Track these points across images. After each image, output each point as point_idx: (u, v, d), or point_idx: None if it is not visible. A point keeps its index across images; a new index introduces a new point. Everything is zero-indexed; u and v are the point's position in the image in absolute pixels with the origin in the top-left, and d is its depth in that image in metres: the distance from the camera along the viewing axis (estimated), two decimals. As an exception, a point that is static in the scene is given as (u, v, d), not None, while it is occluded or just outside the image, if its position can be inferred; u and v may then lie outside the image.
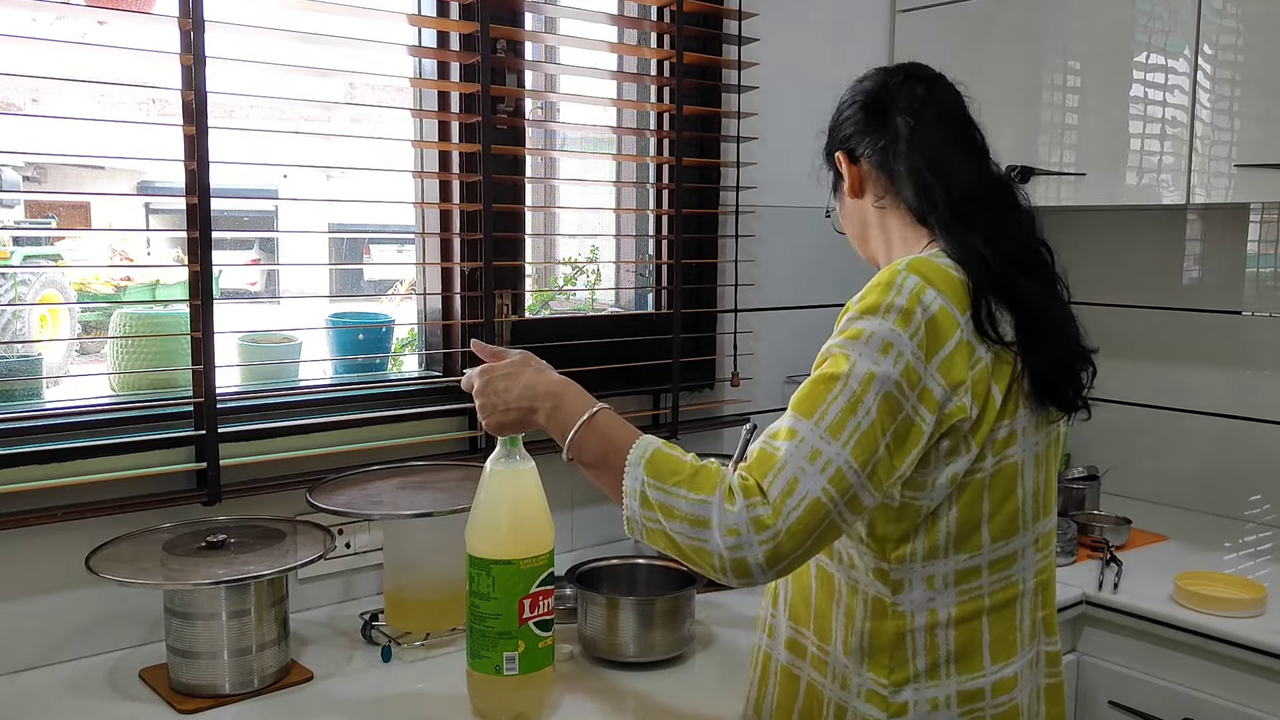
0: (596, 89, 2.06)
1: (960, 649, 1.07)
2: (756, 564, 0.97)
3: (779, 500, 0.97)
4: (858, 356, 1.00)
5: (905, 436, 0.99)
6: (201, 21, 1.45)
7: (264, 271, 2.11)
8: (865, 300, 1.04)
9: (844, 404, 0.99)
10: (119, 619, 1.48)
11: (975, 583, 1.07)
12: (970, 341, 1.02)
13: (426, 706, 1.31)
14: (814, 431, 0.99)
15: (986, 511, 1.06)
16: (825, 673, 1.12)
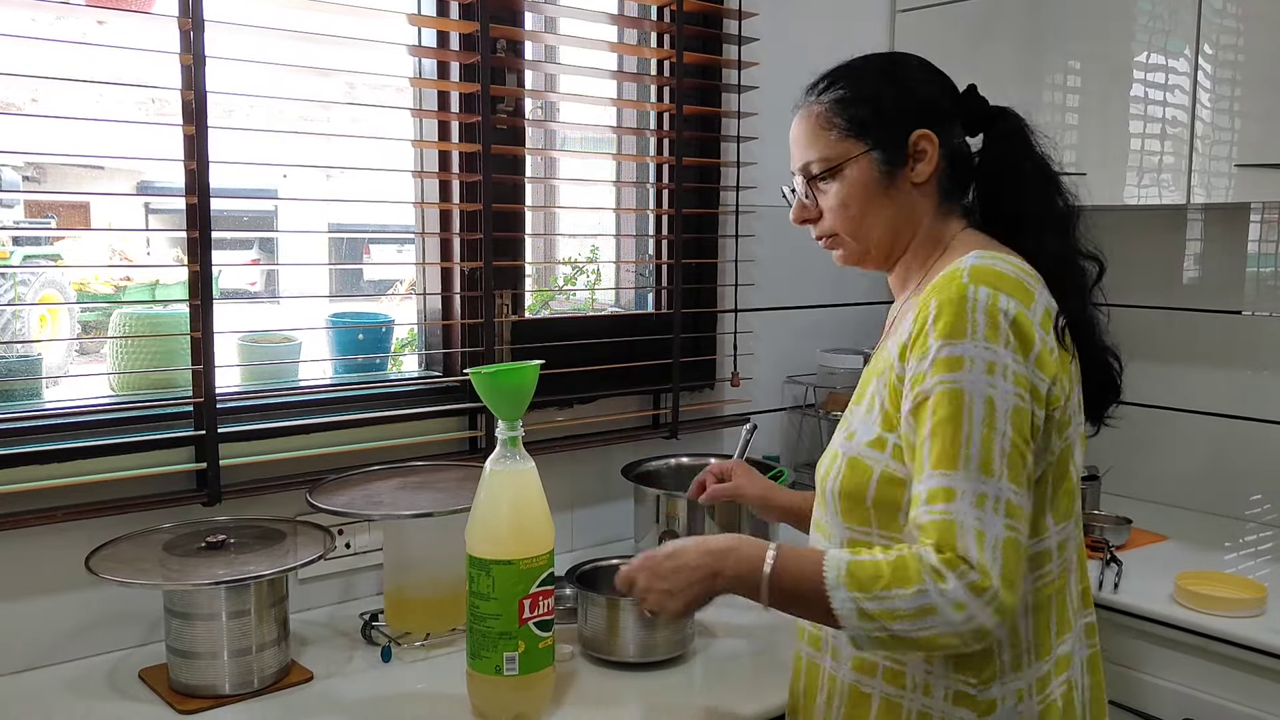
0: (596, 89, 2.06)
1: (1036, 636, 1.07)
2: (993, 624, 0.97)
3: (980, 558, 0.96)
4: (969, 385, 0.99)
5: (1036, 437, 1.02)
6: (201, 21, 1.45)
7: (264, 271, 2.11)
8: (944, 324, 1.01)
9: (980, 439, 0.98)
10: (119, 619, 1.48)
11: (1047, 567, 1.08)
12: (1044, 335, 1.03)
13: (426, 707, 1.31)
14: (967, 479, 0.98)
15: (1049, 494, 1.06)
16: (903, 683, 1.09)
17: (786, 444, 2.29)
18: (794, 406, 2.28)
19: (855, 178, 1.14)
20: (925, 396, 1.01)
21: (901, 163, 1.13)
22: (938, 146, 1.13)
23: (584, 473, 1.93)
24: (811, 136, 1.16)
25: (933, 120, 1.13)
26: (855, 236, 1.17)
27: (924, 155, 1.13)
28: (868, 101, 1.14)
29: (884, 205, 1.15)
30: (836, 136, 1.14)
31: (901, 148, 1.13)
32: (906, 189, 1.14)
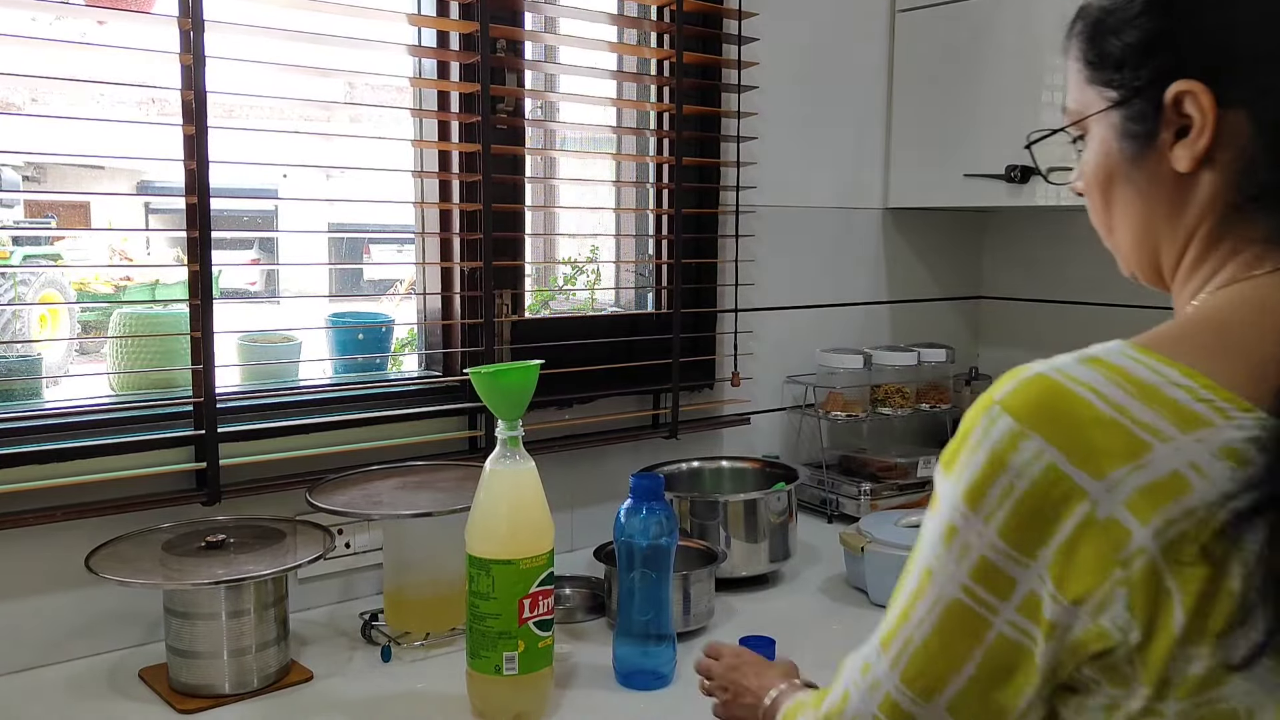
0: (596, 89, 2.06)
1: None
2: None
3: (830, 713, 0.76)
4: (924, 536, 0.70)
5: (1006, 664, 0.66)
6: (201, 21, 1.45)
7: (264, 271, 2.11)
8: (947, 449, 0.69)
9: (900, 607, 0.71)
10: (118, 619, 1.48)
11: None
12: (1115, 519, 0.61)
13: (426, 706, 1.31)
14: (875, 636, 0.74)
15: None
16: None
17: (786, 444, 2.29)
18: (794, 406, 2.28)
19: (1097, 144, 0.78)
20: None
21: (1153, 135, 0.72)
22: (1212, 113, 0.68)
23: (584, 473, 1.93)
24: (1070, 76, 0.82)
25: (1222, 64, 0.68)
26: (1101, 225, 0.82)
27: (1190, 124, 0.70)
28: (1123, 25, 0.73)
29: (1127, 189, 0.76)
30: (1083, 78, 0.79)
31: (1154, 109, 0.71)
32: (1165, 178, 0.73)
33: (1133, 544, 0.61)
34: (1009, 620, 0.65)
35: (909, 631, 0.69)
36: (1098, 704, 0.65)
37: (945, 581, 0.67)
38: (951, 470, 0.68)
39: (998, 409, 0.66)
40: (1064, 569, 0.62)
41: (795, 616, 1.62)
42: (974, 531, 0.65)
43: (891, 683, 0.70)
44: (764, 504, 1.76)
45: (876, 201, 2.37)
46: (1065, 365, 0.66)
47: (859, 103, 2.32)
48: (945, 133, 2.24)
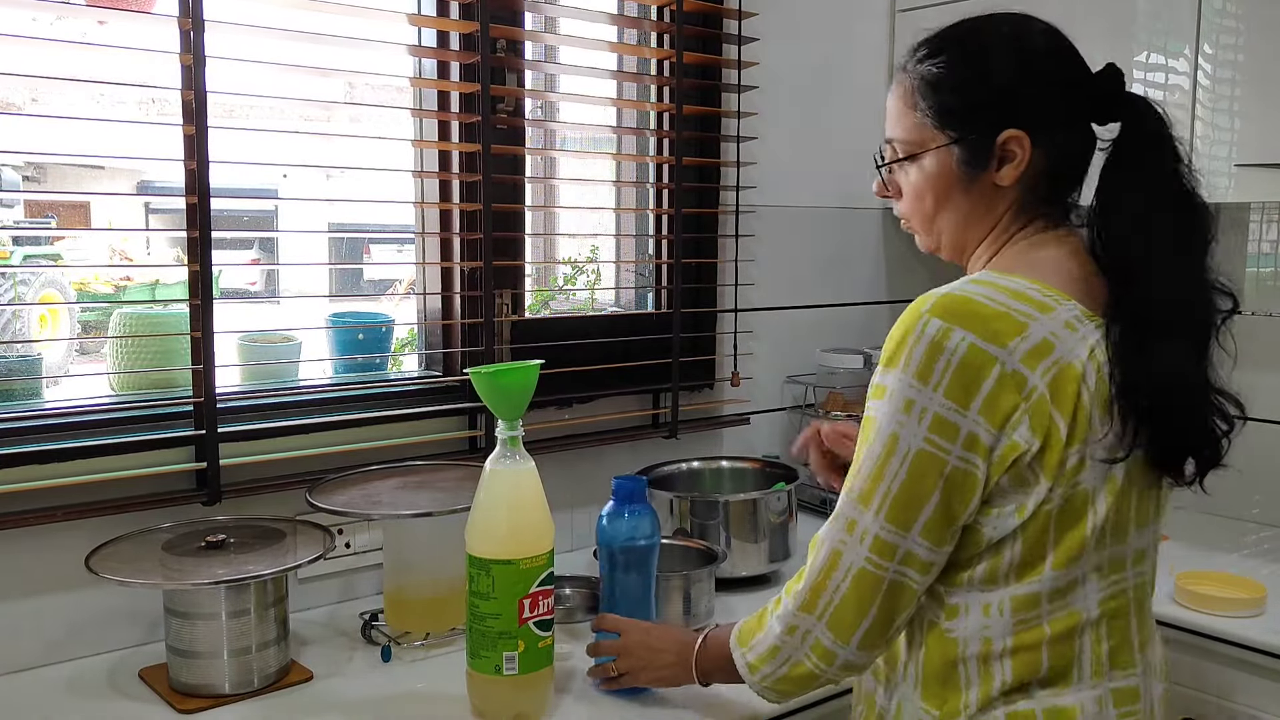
0: (596, 88, 2.06)
1: (1015, 681, 0.99)
2: (833, 643, 1.00)
3: (820, 579, 0.99)
4: (881, 417, 0.96)
5: (957, 487, 0.95)
6: (201, 21, 1.45)
7: (264, 271, 2.11)
8: (886, 351, 0.98)
9: (869, 472, 0.97)
10: (119, 619, 1.48)
11: (1034, 611, 0.99)
12: (1018, 370, 0.93)
13: (426, 706, 1.31)
14: (847, 503, 0.99)
15: (1051, 539, 0.97)
16: (891, 697, 1.08)
17: (786, 444, 2.29)
18: (794, 406, 2.28)
19: (932, 169, 1.05)
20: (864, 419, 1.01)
21: (985, 164, 1.03)
22: (1029, 151, 1.01)
23: (584, 473, 1.93)
24: (898, 112, 1.07)
25: (1034, 119, 1.01)
26: (925, 229, 1.11)
27: (1012, 158, 1.02)
28: (959, 89, 1.02)
29: (959, 203, 1.06)
30: (920, 120, 1.05)
31: (988, 147, 1.02)
32: (987, 189, 1.04)
33: (1029, 384, 0.93)
34: (959, 455, 0.94)
35: (886, 485, 0.95)
36: (1009, 509, 0.96)
37: (910, 438, 0.94)
38: (896, 364, 0.95)
39: (927, 316, 0.95)
40: (990, 408, 0.93)
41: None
42: (926, 398, 0.94)
43: (878, 525, 0.96)
44: (764, 504, 1.76)
45: (876, 201, 2.36)
46: (960, 287, 0.98)
47: (859, 103, 2.32)
48: (945, 133, 2.23)
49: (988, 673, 1.00)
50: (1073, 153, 1.05)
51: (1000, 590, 0.99)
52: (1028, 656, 0.99)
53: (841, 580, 0.98)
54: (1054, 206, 1.06)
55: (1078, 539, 0.98)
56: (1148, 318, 0.95)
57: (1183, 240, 0.99)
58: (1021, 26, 1.06)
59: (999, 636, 0.99)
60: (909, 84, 1.06)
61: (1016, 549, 0.98)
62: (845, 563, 0.98)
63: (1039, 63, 1.03)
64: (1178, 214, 1.00)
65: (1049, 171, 1.04)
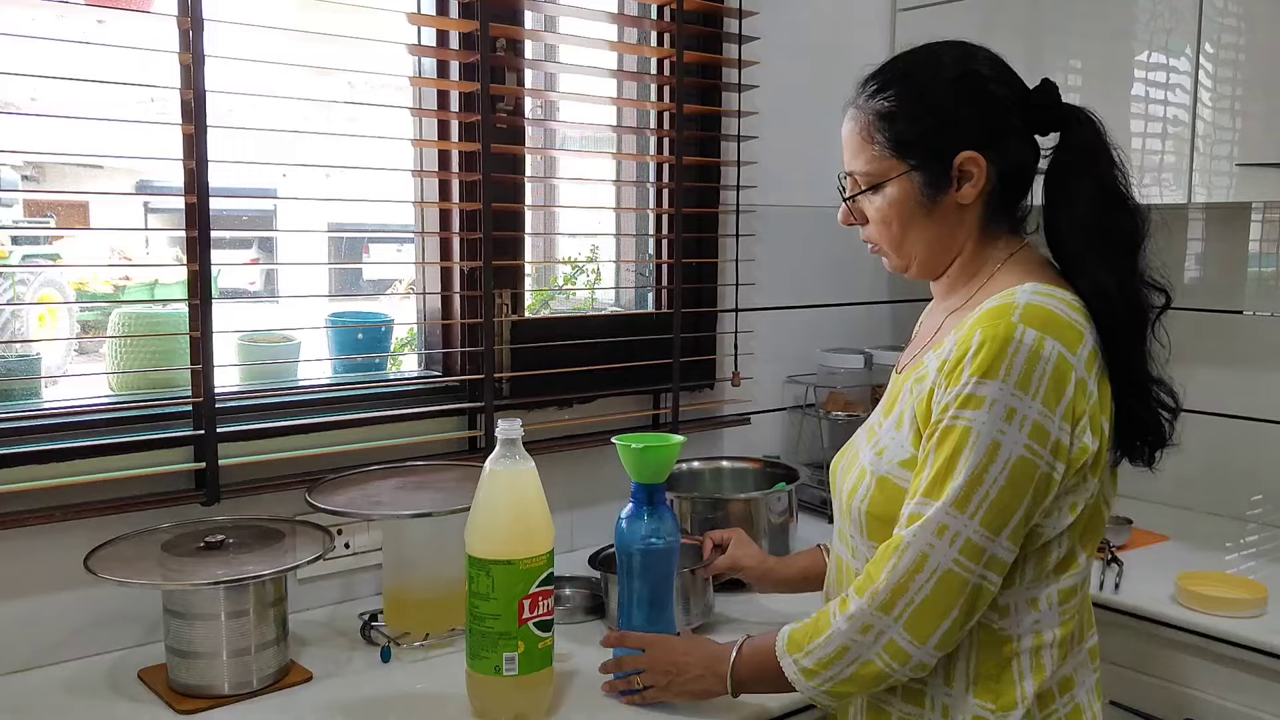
0: (596, 88, 2.05)
1: (1057, 667, 1.07)
2: (909, 643, 1.01)
3: (904, 579, 1.01)
4: (980, 427, 0.99)
5: (1041, 491, 1.00)
6: (200, 20, 1.45)
7: (263, 271, 2.10)
8: (981, 360, 1.00)
9: (967, 477, 0.99)
10: (118, 619, 1.48)
11: (1073, 601, 1.08)
12: (1084, 378, 1.01)
13: (426, 707, 1.31)
14: (940, 509, 1.00)
15: (1084, 534, 1.07)
16: (922, 703, 1.10)
17: (787, 444, 2.28)
18: (794, 406, 2.28)
19: (896, 196, 1.11)
20: (939, 425, 1.02)
21: (946, 186, 1.10)
22: (985, 169, 1.08)
23: (584, 473, 1.93)
24: (856, 146, 1.14)
25: (985, 140, 1.08)
26: (896, 252, 1.16)
27: (970, 177, 1.09)
28: (913, 120, 1.09)
29: (926, 225, 1.12)
30: (879, 152, 1.11)
31: (946, 170, 1.09)
32: (951, 209, 1.11)
33: (1089, 390, 1.01)
34: (1047, 460, 0.99)
35: (985, 489, 0.99)
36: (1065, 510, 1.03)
37: (1012, 446, 0.98)
38: (996, 374, 0.98)
39: (1021, 327, 0.99)
40: (1070, 414, 1.00)
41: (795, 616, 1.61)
42: (1027, 406, 0.98)
43: (972, 529, 0.99)
44: (764, 504, 1.76)
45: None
46: (1033, 298, 1.02)
47: (859, 102, 2.31)
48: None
49: (1039, 664, 1.07)
50: (1022, 164, 1.12)
51: (1047, 585, 1.06)
52: (1065, 646, 1.08)
53: (926, 582, 1.00)
54: (1012, 217, 1.14)
55: (1099, 529, 1.09)
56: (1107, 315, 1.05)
57: (1119, 240, 1.07)
58: (962, 55, 1.12)
59: (1048, 628, 1.07)
60: (863, 119, 1.12)
61: (1063, 545, 1.06)
62: (931, 565, 1.00)
63: (984, 87, 1.10)
64: (1113, 215, 1.07)
65: (1004, 185, 1.11)
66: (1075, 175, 1.08)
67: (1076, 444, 1.01)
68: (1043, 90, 1.11)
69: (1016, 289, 1.04)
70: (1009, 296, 1.03)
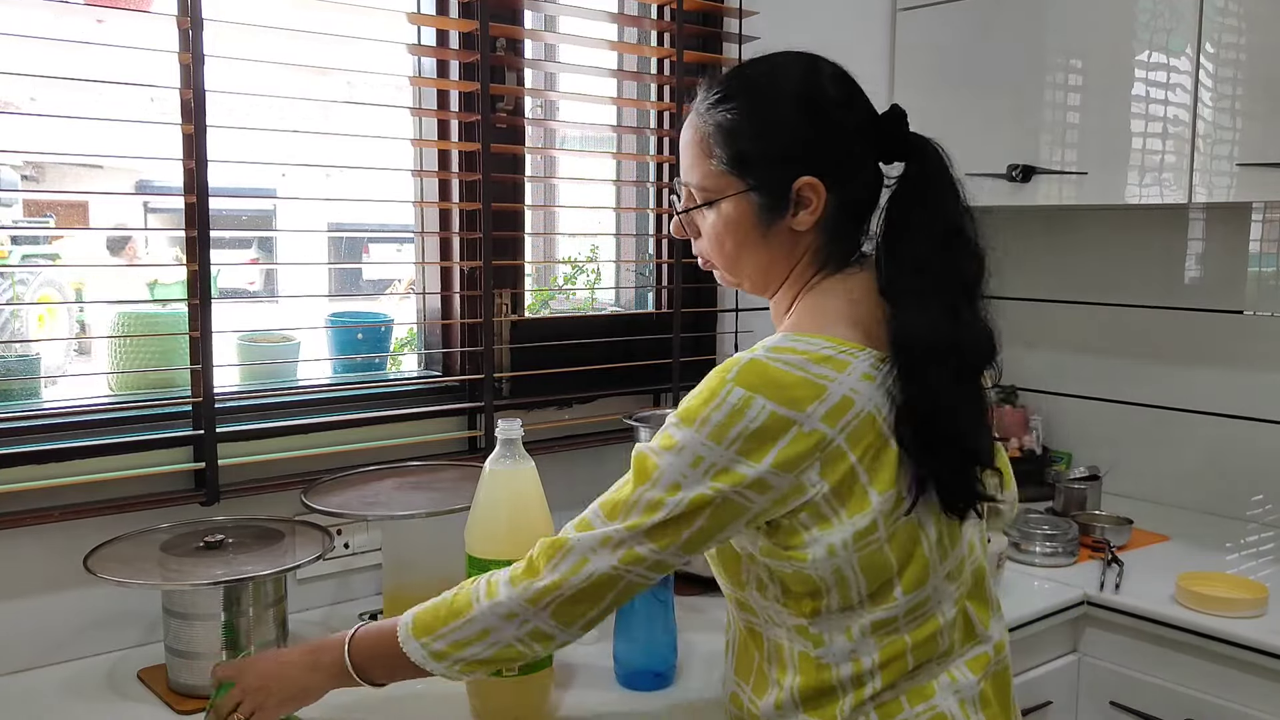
0: (596, 87, 2.05)
1: (886, 685, 1.04)
2: (554, 628, 1.04)
3: (566, 572, 1.03)
4: (665, 466, 1.00)
5: (724, 515, 0.99)
6: (200, 20, 1.44)
7: (262, 271, 2.10)
8: (685, 405, 1.01)
9: (644, 505, 1.01)
10: (117, 619, 1.47)
11: (891, 629, 1.04)
12: (815, 429, 0.97)
13: (426, 707, 1.31)
14: (610, 525, 1.03)
15: (895, 567, 1.02)
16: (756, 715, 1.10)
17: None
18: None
19: (731, 215, 1.08)
20: (635, 456, 1.04)
21: (783, 210, 1.06)
22: (824, 196, 1.04)
23: (584, 473, 1.92)
24: (693, 157, 1.10)
25: (827, 166, 1.04)
26: (729, 269, 1.15)
27: (808, 204, 1.05)
28: (753, 138, 1.05)
29: (759, 248, 1.09)
30: (716, 166, 1.07)
31: (784, 194, 1.05)
32: (785, 234, 1.07)
33: (826, 437, 0.97)
34: (740, 494, 0.98)
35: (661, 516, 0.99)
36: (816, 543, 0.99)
37: (693, 486, 0.98)
38: (692, 424, 0.99)
39: (732, 384, 0.98)
40: (781, 460, 0.97)
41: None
42: (717, 455, 0.97)
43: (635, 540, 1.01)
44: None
45: (877, 201, 2.36)
46: (764, 355, 1.00)
47: (859, 102, 2.31)
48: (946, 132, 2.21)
49: (860, 684, 1.04)
50: (863, 194, 1.08)
51: (857, 616, 1.03)
52: (896, 664, 1.04)
53: (582, 581, 1.02)
54: (848, 243, 1.10)
55: (920, 563, 1.03)
56: (911, 352, 1.00)
57: (948, 281, 1.03)
58: (811, 72, 1.07)
59: (866, 654, 1.04)
60: (703, 130, 1.08)
61: (861, 580, 1.01)
62: (590, 569, 1.02)
63: (831, 111, 1.05)
64: (948, 254, 1.03)
65: (842, 213, 1.07)
66: (912, 208, 1.05)
67: (788, 481, 0.97)
68: (890, 118, 1.07)
69: (760, 342, 1.03)
70: (750, 350, 1.02)
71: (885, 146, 1.07)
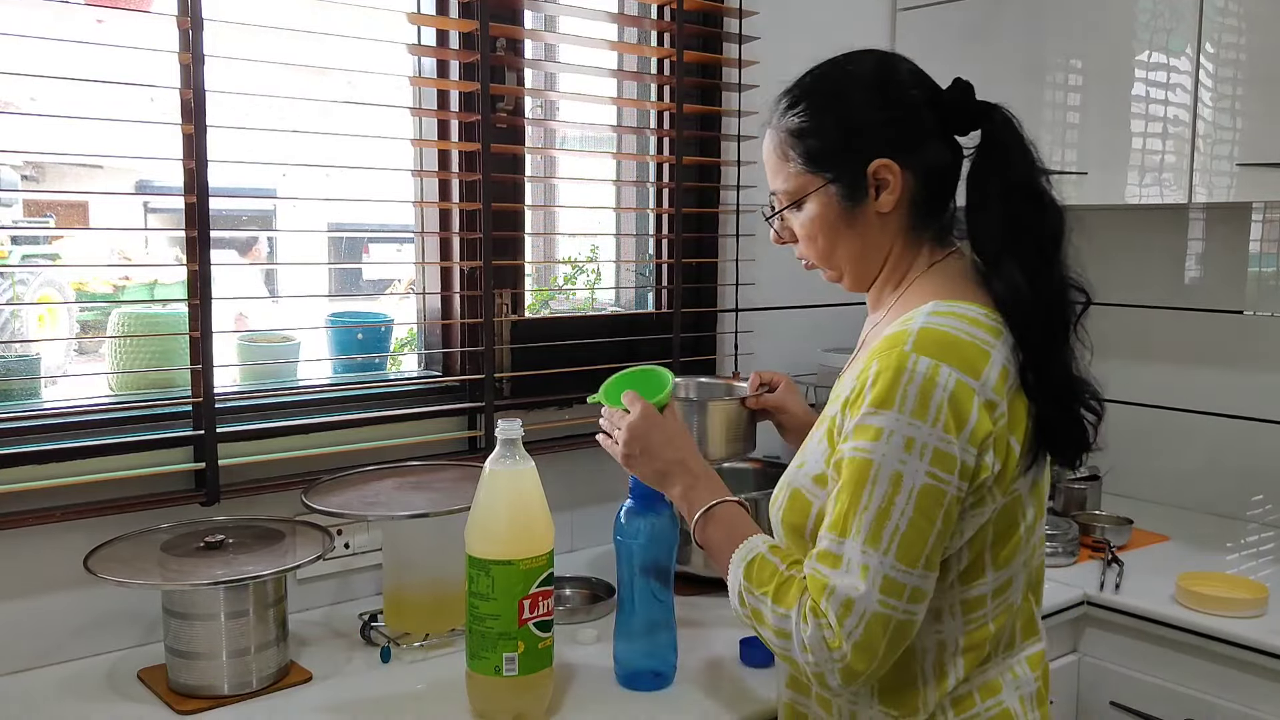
0: (596, 87, 2.05)
1: (965, 674, 1.06)
2: (835, 682, 0.99)
3: (837, 624, 0.97)
4: (880, 459, 0.97)
5: (950, 514, 0.98)
6: (200, 20, 1.44)
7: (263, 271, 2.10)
8: (876, 391, 0.98)
9: (875, 511, 0.97)
10: (117, 619, 1.47)
11: (980, 611, 1.06)
12: (991, 400, 0.98)
13: (426, 707, 1.31)
14: (854, 548, 0.98)
15: (989, 546, 1.04)
16: (830, 711, 1.12)
17: (786, 445, 2.28)
18: (794, 406, 2.28)
19: (817, 211, 1.11)
20: (843, 456, 1.01)
21: (863, 196, 1.08)
22: (901, 175, 1.07)
23: (584, 473, 1.93)
24: (774, 165, 1.15)
25: (898, 145, 1.07)
26: (827, 264, 1.16)
27: (886, 185, 1.08)
28: (821, 132, 1.09)
29: (850, 237, 1.11)
30: (795, 169, 1.12)
31: (861, 179, 1.08)
32: (872, 219, 1.09)
33: (998, 410, 0.99)
34: (953, 484, 0.97)
35: (894, 523, 0.96)
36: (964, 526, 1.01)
37: (914, 474, 0.96)
38: (891, 405, 0.97)
39: (914, 356, 0.98)
40: (975, 435, 0.97)
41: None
42: (927, 435, 0.96)
43: (888, 565, 0.96)
44: (765, 504, 1.76)
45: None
46: (928, 320, 1.01)
47: (859, 102, 2.32)
48: (946, 132, 2.23)
49: (942, 671, 1.06)
50: (941, 167, 1.10)
51: (949, 596, 1.05)
52: (975, 653, 1.07)
53: (856, 626, 0.97)
54: (938, 222, 1.12)
55: (1014, 543, 1.06)
56: (1024, 320, 1.02)
57: (1034, 239, 1.05)
58: (866, 62, 1.11)
59: (951, 638, 1.06)
60: (778, 138, 1.13)
61: (964, 558, 1.04)
62: (859, 609, 0.97)
63: (889, 92, 1.09)
64: (1029, 214, 1.05)
65: (925, 189, 1.09)
66: (990, 174, 1.07)
67: (980, 462, 0.98)
68: (955, 89, 1.09)
69: (915, 312, 1.03)
70: (906, 323, 1.02)
71: (954, 119, 1.09)
